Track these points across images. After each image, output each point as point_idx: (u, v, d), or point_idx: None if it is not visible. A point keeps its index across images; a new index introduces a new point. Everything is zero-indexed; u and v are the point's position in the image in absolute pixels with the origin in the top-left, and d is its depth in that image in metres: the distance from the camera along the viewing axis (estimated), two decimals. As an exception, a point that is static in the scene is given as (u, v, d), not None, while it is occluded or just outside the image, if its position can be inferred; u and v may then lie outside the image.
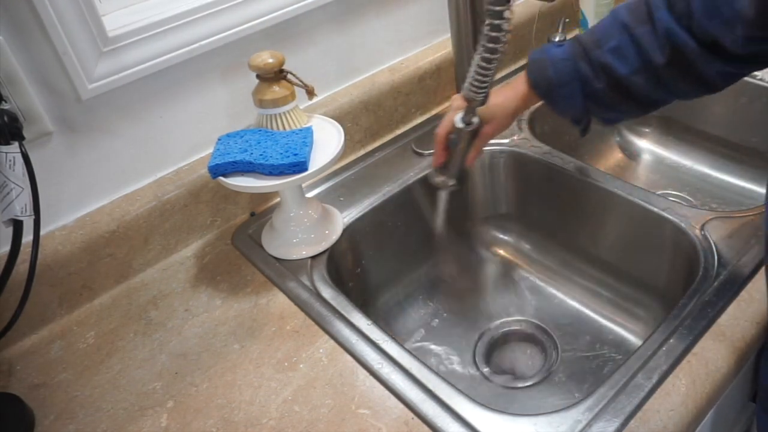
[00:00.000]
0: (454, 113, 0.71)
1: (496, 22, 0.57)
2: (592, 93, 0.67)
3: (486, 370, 0.84)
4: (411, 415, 0.60)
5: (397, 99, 0.99)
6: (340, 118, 0.88)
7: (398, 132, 1.01)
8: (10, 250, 0.61)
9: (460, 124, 0.70)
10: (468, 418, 0.58)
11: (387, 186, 0.89)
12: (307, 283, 0.75)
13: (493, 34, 0.57)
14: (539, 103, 0.73)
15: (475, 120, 0.70)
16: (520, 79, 0.72)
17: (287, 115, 0.76)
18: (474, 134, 0.71)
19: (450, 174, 0.74)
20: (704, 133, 1.11)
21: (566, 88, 0.68)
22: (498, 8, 0.56)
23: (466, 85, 0.65)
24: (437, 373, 0.63)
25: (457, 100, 0.71)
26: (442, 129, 0.73)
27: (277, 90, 0.74)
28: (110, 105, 0.74)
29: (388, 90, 0.97)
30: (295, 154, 0.71)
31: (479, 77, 0.62)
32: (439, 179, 0.75)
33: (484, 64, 0.60)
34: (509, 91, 0.73)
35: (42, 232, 0.70)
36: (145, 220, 0.78)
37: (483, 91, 0.64)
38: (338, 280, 0.78)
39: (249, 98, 0.76)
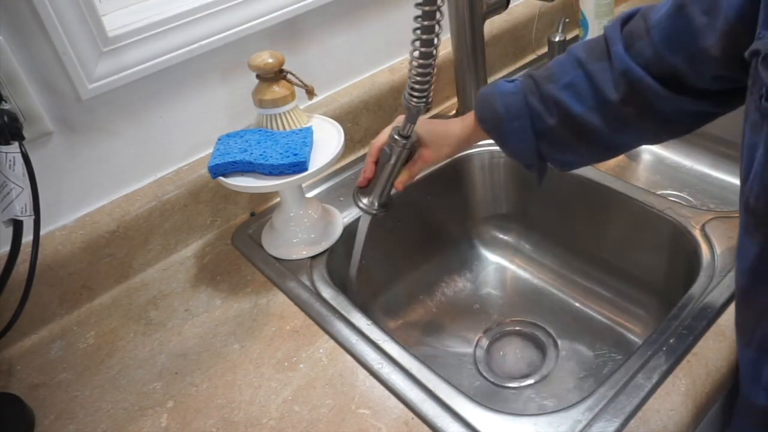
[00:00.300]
0: (392, 126, 0.67)
1: (427, 23, 0.53)
2: (543, 131, 0.63)
3: (486, 370, 0.84)
4: (411, 415, 0.60)
5: (397, 99, 0.99)
6: (340, 118, 0.88)
7: (398, 132, 1.01)
8: (10, 250, 0.61)
9: (395, 136, 0.66)
10: (468, 418, 0.58)
11: (387, 186, 0.89)
12: (307, 283, 0.75)
13: (425, 36, 0.54)
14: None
15: (413, 136, 0.66)
16: (470, 113, 0.68)
17: (287, 115, 0.76)
18: (409, 154, 0.67)
19: (375, 196, 0.70)
20: (704, 133, 1.10)
21: (515, 123, 0.63)
22: (428, 8, 0.53)
23: (406, 95, 0.61)
24: (437, 373, 0.63)
25: (401, 117, 0.67)
26: (377, 140, 0.69)
27: (277, 90, 0.74)
28: (110, 105, 0.74)
29: (388, 90, 0.97)
30: (295, 154, 0.71)
31: (416, 84, 0.58)
32: (362, 202, 0.70)
33: (419, 70, 0.57)
34: (457, 122, 0.69)
35: (42, 232, 0.70)
36: (145, 220, 0.78)
37: (421, 99, 0.60)
38: (338, 280, 0.78)
39: (249, 98, 0.76)
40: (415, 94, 0.59)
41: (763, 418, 0.58)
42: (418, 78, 0.58)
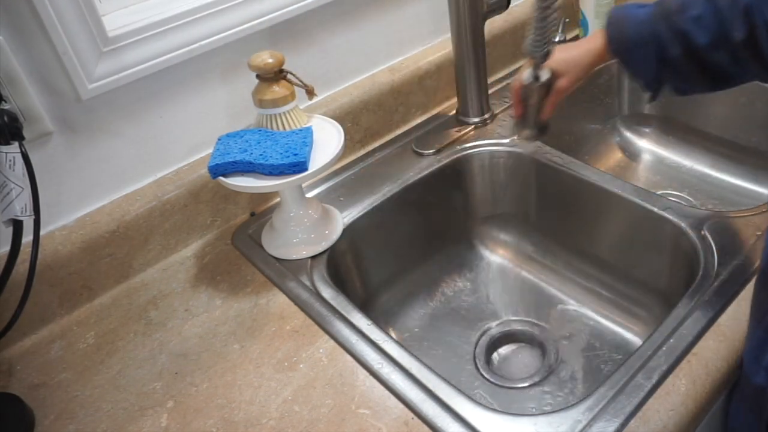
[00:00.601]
0: (526, 68, 0.73)
1: None
2: (667, 59, 0.66)
3: (486, 370, 0.84)
4: (411, 415, 0.60)
5: (397, 99, 0.99)
6: (340, 118, 0.88)
7: (398, 132, 1.01)
8: (10, 250, 0.61)
9: (527, 81, 0.72)
10: (468, 418, 0.58)
11: (387, 186, 0.89)
12: (307, 283, 0.75)
13: None
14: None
15: (544, 75, 0.72)
16: (597, 33, 0.72)
17: (287, 115, 0.76)
18: (547, 89, 0.73)
19: (530, 126, 0.77)
20: (704, 133, 1.11)
21: (642, 50, 0.66)
22: None
23: (527, 42, 0.67)
24: (437, 373, 0.63)
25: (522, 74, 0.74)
26: (516, 82, 0.75)
27: (277, 90, 0.74)
28: (110, 105, 0.74)
29: (388, 90, 0.97)
30: (295, 154, 0.71)
31: (537, 34, 0.64)
32: (522, 132, 0.79)
33: (539, 22, 0.62)
34: (584, 45, 0.73)
35: (42, 232, 0.70)
36: (145, 220, 0.78)
37: (543, 47, 0.66)
38: (338, 280, 0.78)
39: (249, 98, 0.76)
40: (541, 45, 0.65)
41: (760, 398, 0.59)
42: (540, 29, 0.63)
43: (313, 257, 0.78)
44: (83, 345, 0.72)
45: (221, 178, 0.72)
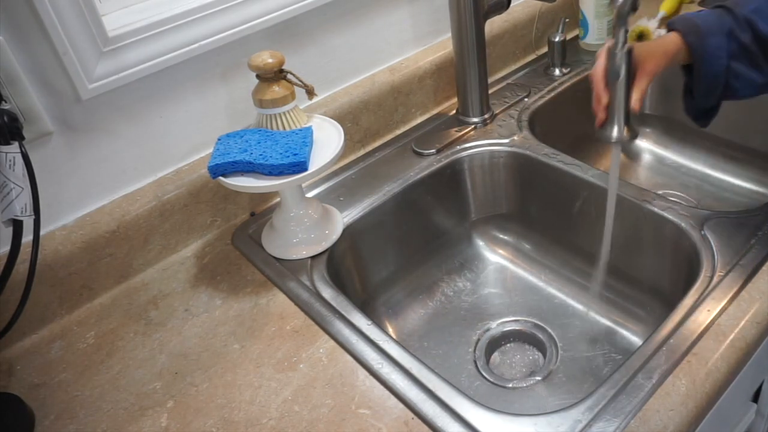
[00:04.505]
0: (604, 49, 0.69)
1: None
2: (737, 49, 0.68)
3: (486, 370, 0.84)
4: (411, 415, 0.60)
5: (397, 99, 0.99)
6: (340, 118, 0.88)
7: (398, 132, 1.01)
8: (10, 250, 0.61)
9: (614, 50, 0.66)
10: (468, 418, 0.58)
11: (387, 186, 0.89)
12: (307, 283, 0.75)
13: None
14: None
15: (629, 45, 0.66)
16: (667, 36, 0.72)
17: (287, 115, 0.76)
18: (631, 68, 0.67)
19: (620, 121, 0.69)
20: (704, 133, 1.11)
21: (716, 38, 0.68)
22: None
23: None
24: (437, 373, 0.63)
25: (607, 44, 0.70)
26: (596, 67, 0.70)
27: (277, 90, 0.74)
28: (110, 105, 0.74)
29: (388, 90, 0.97)
30: (295, 154, 0.71)
31: None
32: (613, 133, 0.69)
33: None
34: (661, 40, 0.72)
35: (42, 232, 0.70)
36: (145, 220, 0.78)
37: None
38: (338, 280, 0.78)
39: (249, 98, 0.76)
40: None
41: None
42: None
43: (313, 257, 0.78)
44: (83, 345, 0.72)
45: (221, 178, 0.72)
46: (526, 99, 1.04)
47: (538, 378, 0.82)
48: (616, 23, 0.66)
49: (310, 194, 0.89)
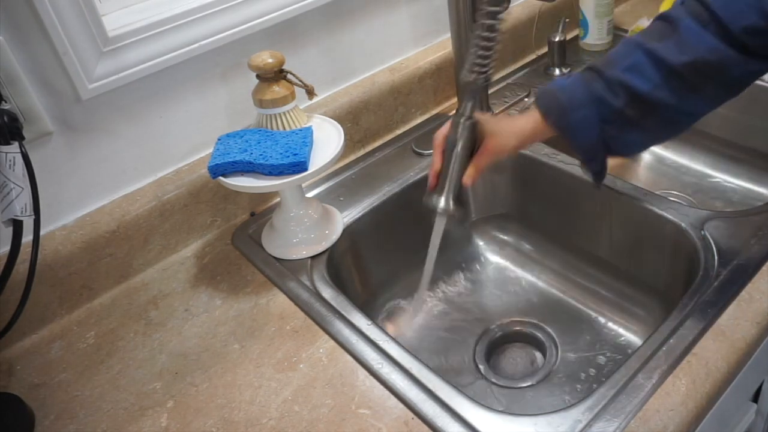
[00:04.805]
0: (453, 115, 0.66)
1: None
2: (609, 115, 0.62)
3: (486, 370, 0.84)
4: (411, 415, 0.60)
5: (397, 99, 0.99)
6: (340, 118, 0.88)
7: (398, 132, 1.01)
8: (10, 250, 0.61)
9: (457, 119, 0.64)
10: (468, 418, 0.58)
11: (387, 186, 0.89)
12: (307, 283, 0.75)
13: (491, 8, 0.55)
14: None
15: (475, 116, 0.64)
16: (531, 110, 0.67)
17: (287, 115, 0.76)
18: (473, 142, 0.65)
19: (448, 192, 0.66)
20: (704, 133, 1.11)
21: (581, 111, 0.62)
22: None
23: (463, 71, 0.60)
24: (437, 373, 0.63)
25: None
26: (439, 131, 0.68)
27: (277, 90, 0.74)
28: (110, 105, 0.74)
29: (388, 90, 0.97)
30: (295, 154, 0.71)
31: (479, 57, 0.58)
32: (439, 203, 0.66)
33: (484, 42, 0.57)
34: (521, 117, 0.68)
35: (42, 232, 0.70)
36: (145, 220, 0.78)
37: (484, 69, 0.59)
38: (338, 280, 0.78)
39: (249, 98, 0.76)
40: (477, 68, 0.58)
41: None
42: (482, 51, 0.57)
43: (313, 257, 0.78)
44: (83, 345, 0.72)
45: (221, 178, 0.72)
46: (526, 99, 1.04)
47: (538, 378, 0.82)
48: (465, 95, 0.63)
49: (310, 194, 0.89)
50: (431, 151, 0.93)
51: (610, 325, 0.87)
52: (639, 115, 0.62)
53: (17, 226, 0.61)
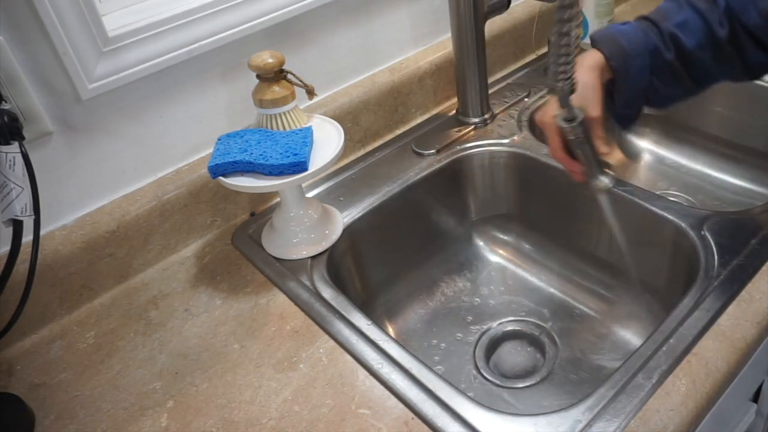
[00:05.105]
0: (551, 127, 0.68)
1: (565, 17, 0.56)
2: (660, 66, 0.67)
3: (486, 370, 0.84)
4: (411, 415, 0.60)
5: (397, 99, 0.99)
6: (340, 118, 0.88)
7: (398, 132, 1.01)
8: (10, 250, 0.61)
9: (565, 126, 0.66)
10: (468, 418, 0.58)
11: (387, 186, 0.89)
12: (307, 283, 0.75)
13: (566, 15, 0.56)
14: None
15: (578, 113, 0.65)
16: (588, 54, 0.68)
17: (287, 115, 0.76)
18: (585, 128, 0.67)
19: (596, 175, 0.70)
20: (704, 133, 1.11)
21: (639, 60, 0.66)
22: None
23: (549, 76, 0.62)
24: (437, 373, 0.62)
25: (545, 115, 0.68)
26: (554, 143, 0.69)
27: (277, 90, 0.74)
28: (110, 105, 0.74)
29: (388, 90, 0.97)
30: (295, 154, 0.71)
31: (559, 62, 0.59)
32: (604, 183, 0.70)
33: (560, 48, 0.58)
34: (585, 72, 0.68)
35: (42, 232, 0.70)
36: (145, 220, 0.78)
37: (567, 76, 0.60)
38: (338, 280, 0.78)
39: (249, 98, 0.76)
40: (561, 76, 0.60)
41: None
42: (562, 58, 0.59)
43: (313, 257, 0.78)
44: (83, 345, 0.72)
45: (221, 178, 0.72)
46: (526, 99, 1.04)
47: (538, 378, 0.82)
48: (562, 104, 0.64)
49: (310, 194, 0.89)
50: (431, 151, 0.94)
51: (610, 324, 0.87)
52: (683, 71, 0.66)
53: (17, 226, 0.61)
